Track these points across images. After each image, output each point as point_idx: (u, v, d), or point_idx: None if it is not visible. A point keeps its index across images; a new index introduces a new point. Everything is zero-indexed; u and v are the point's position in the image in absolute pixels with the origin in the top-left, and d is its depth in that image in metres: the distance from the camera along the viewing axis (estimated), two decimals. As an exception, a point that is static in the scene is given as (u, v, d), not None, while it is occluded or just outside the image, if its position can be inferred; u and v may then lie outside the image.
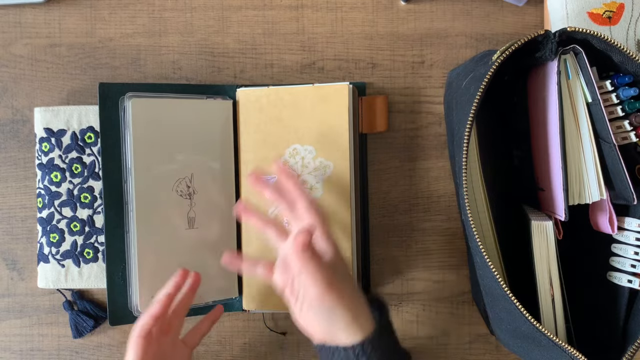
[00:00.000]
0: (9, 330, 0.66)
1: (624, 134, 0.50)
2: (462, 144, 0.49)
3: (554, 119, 0.50)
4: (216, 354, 0.67)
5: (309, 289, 0.50)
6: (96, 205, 0.64)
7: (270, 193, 0.56)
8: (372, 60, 0.67)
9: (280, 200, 0.56)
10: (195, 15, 0.66)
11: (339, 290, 0.50)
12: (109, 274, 0.61)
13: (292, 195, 0.55)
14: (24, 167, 0.66)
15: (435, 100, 0.66)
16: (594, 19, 0.60)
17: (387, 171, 0.67)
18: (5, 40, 0.66)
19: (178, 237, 0.61)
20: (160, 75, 0.66)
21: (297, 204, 0.55)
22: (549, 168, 0.52)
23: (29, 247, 0.66)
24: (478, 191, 0.56)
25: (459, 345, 0.67)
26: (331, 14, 0.66)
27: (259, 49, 0.66)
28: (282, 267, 0.54)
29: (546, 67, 0.52)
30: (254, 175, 0.57)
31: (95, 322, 0.65)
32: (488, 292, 0.52)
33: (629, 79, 0.49)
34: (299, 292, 0.52)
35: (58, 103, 0.66)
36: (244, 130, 0.63)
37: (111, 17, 0.66)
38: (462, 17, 0.67)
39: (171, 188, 0.61)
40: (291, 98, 0.62)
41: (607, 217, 0.52)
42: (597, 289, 0.55)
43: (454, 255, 0.67)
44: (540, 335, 0.47)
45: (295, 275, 0.52)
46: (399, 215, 0.67)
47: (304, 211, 0.54)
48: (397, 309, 0.67)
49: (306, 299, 0.51)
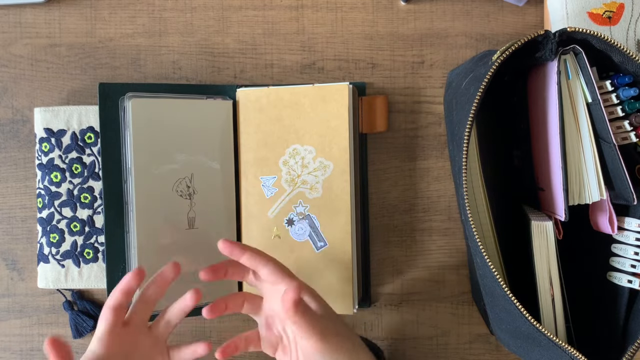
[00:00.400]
0: (9, 330, 0.66)
1: (624, 134, 0.50)
2: (462, 144, 0.49)
3: (554, 119, 0.50)
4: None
5: (307, 344, 0.48)
6: (96, 205, 0.64)
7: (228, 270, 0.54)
8: (372, 60, 0.67)
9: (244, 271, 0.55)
10: (195, 15, 0.66)
11: (337, 337, 0.49)
12: (109, 274, 0.61)
13: (256, 263, 0.52)
14: (24, 167, 0.66)
15: (435, 100, 0.66)
16: (594, 19, 0.60)
17: (387, 171, 0.67)
18: (5, 40, 0.66)
19: (178, 237, 0.61)
20: (160, 75, 0.66)
21: (263, 269, 0.52)
22: (549, 168, 0.52)
23: (29, 247, 0.66)
24: (478, 191, 0.56)
25: (459, 345, 0.67)
26: (331, 14, 0.66)
27: (259, 49, 0.66)
28: (265, 329, 0.54)
29: (546, 67, 0.52)
30: (225, 242, 0.52)
31: (95, 322, 0.65)
32: (488, 292, 0.52)
33: (629, 79, 0.49)
34: (292, 349, 0.51)
35: (58, 103, 0.66)
36: (244, 130, 0.63)
37: (111, 17, 0.66)
38: (462, 17, 0.67)
39: (171, 188, 0.61)
40: (291, 98, 0.62)
41: (607, 217, 0.52)
42: (597, 289, 0.55)
43: (454, 255, 0.67)
44: (540, 335, 0.47)
45: (282, 333, 0.52)
46: (399, 215, 0.67)
47: (273, 273, 0.52)
48: (397, 309, 0.67)
49: (307, 355, 0.50)
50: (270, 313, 0.55)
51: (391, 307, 0.67)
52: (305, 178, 0.62)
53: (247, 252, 0.52)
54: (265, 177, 0.63)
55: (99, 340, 0.52)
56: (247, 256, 0.52)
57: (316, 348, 0.48)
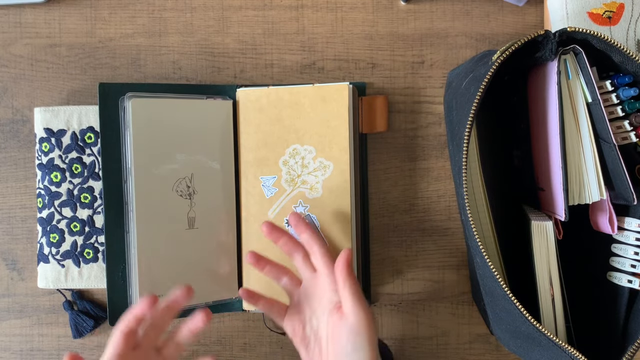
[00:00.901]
0: (9, 330, 0.66)
1: (624, 134, 0.50)
2: (462, 144, 0.49)
3: (554, 119, 0.50)
4: (216, 354, 0.67)
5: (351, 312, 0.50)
6: (96, 205, 0.64)
7: (284, 244, 0.58)
8: (372, 60, 0.67)
9: (296, 248, 0.57)
10: (195, 15, 0.66)
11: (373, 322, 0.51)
12: (109, 274, 0.61)
13: (308, 244, 0.56)
14: (24, 167, 0.66)
15: (435, 100, 0.66)
16: (594, 19, 0.60)
17: (387, 171, 0.67)
18: (5, 40, 0.66)
19: (178, 237, 0.61)
20: (160, 75, 0.66)
21: (314, 251, 0.56)
22: (549, 168, 0.52)
23: (29, 247, 0.66)
24: (478, 191, 0.56)
25: (459, 345, 0.67)
26: (331, 14, 0.66)
27: (259, 49, 0.66)
28: (295, 310, 0.56)
29: (546, 67, 0.52)
30: (267, 225, 0.58)
31: (95, 322, 0.65)
32: (488, 292, 0.52)
33: (629, 79, 0.49)
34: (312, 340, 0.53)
35: (58, 103, 0.66)
36: (244, 130, 0.63)
37: (111, 17, 0.66)
38: (462, 17, 0.67)
39: (171, 188, 0.61)
40: (291, 98, 0.62)
41: (607, 217, 0.52)
42: (597, 289, 0.55)
43: (454, 255, 0.67)
44: (540, 335, 0.47)
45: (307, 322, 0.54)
46: (399, 215, 0.67)
47: (320, 258, 0.55)
48: (397, 309, 0.67)
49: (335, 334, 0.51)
50: (304, 299, 0.56)
51: (391, 307, 0.67)
52: (305, 178, 0.62)
53: (308, 231, 0.56)
54: (265, 177, 0.63)
55: None
56: (307, 235, 0.56)
57: (360, 318, 0.50)
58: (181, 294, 0.54)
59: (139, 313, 0.52)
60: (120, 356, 0.51)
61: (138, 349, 0.52)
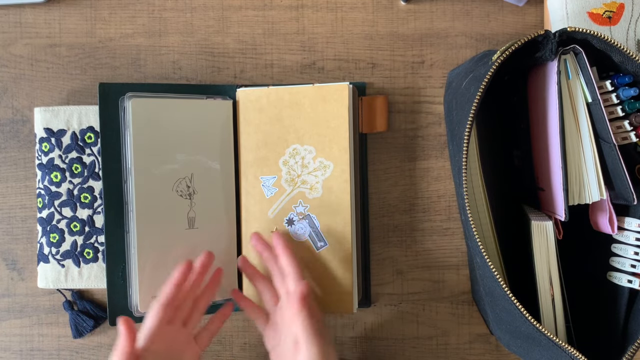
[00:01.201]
0: (9, 330, 0.66)
1: (624, 134, 0.50)
2: (462, 144, 0.49)
3: (554, 119, 0.50)
4: (216, 354, 0.67)
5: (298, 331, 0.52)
6: (96, 205, 0.64)
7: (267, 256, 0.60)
8: (372, 60, 0.67)
9: (273, 268, 0.59)
10: (195, 15, 0.66)
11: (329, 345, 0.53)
12: (109, 274, 0.61)
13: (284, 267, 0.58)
14: (24, 167, 0.66)
15: (435, 100, 0.66)
16: (594, 19, 0.60)
17: (387, 171, 0.67)
18: (5, 40, 0.66)
19: (178, 237, 0.61)
20: (160, 75, 0.66)
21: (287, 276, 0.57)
22: (549, 168, 0.52)
23: (29, 247, 0.66)
24: (478, 191, 0.56)
25: (459, 345, 0.67)
26: (331, 14, 0.66)
27: (259, 49, 0.66)
28: (273, 329, 0.57)
29: (546, 67, 0.52)
30: (255, 237, 0.62)
31: (95, 322, 0.65)
32: (488, 292, 0.52)
33: (629, 79, 0.49)
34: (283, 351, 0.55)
35: (58, 103, 0.66)
36: (244, 130, 0.63)
37: (111, 17, 0.66)
38: (462, 17, 0.67)
39: (171, 188, 0.61)
40: (291, 98, 0.62)
41: (607, 217, 0.52)
42: (597, 289, 0.55)
43: (454, 255, 0.67)
44: (540, 335, 0.47)
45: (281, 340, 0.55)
46: (399, 215, 0.67)
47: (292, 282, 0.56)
48: (397, 309, 0.67)
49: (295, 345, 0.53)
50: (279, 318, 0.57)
51: (391, 307, 0.67)
52: (305, 178, 0.62)
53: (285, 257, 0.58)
54: (265, 177, 0.63)
55: (145, 336, 0.53)
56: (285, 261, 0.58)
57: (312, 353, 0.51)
58: (205, 257, 0.59)
59: (178, 280, 0.55)
60: (158, 328, 0.53)
61: (171, 324, 0.55)
